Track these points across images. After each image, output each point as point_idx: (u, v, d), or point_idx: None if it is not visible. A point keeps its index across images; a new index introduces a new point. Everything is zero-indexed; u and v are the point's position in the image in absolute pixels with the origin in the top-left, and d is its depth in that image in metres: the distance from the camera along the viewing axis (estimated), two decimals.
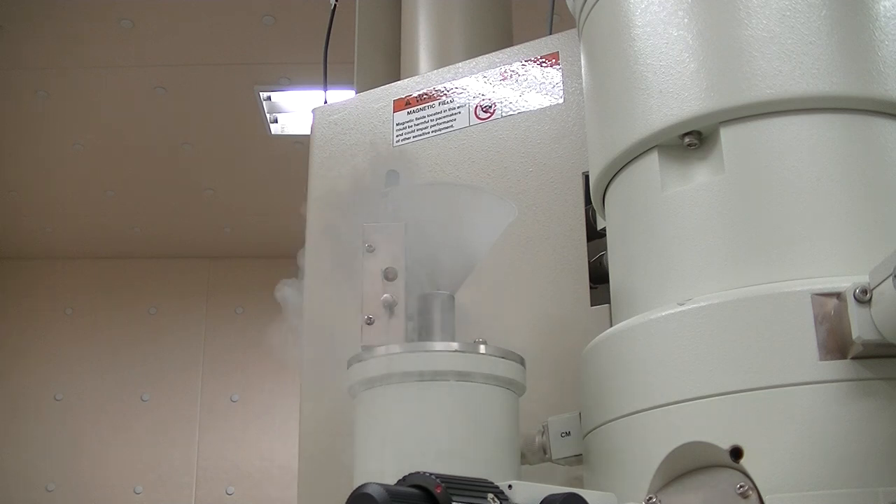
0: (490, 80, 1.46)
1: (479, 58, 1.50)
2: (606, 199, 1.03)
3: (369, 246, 0.94)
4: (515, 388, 0.93)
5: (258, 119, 4.09)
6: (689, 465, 0.81)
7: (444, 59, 1.73)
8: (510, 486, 0.75)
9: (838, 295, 0.77)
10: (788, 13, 0.89)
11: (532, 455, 1.04)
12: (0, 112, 4.02)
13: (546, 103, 1.40)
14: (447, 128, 1.47)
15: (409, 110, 1.52)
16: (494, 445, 0.88)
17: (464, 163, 1.43)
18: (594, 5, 1.04)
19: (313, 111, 1.63)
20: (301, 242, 1.44)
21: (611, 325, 0.96)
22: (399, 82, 1.60)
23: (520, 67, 1.44)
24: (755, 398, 0.77)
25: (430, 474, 0.71)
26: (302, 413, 1.44)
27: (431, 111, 1.50)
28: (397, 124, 1.52)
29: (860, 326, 0.74)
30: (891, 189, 0.86)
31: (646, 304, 0.90)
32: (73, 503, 4.79)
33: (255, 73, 3.83)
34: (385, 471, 0.84)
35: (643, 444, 0.83)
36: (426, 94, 1.52)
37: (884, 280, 0.72)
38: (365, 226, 0.95)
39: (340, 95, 1.71)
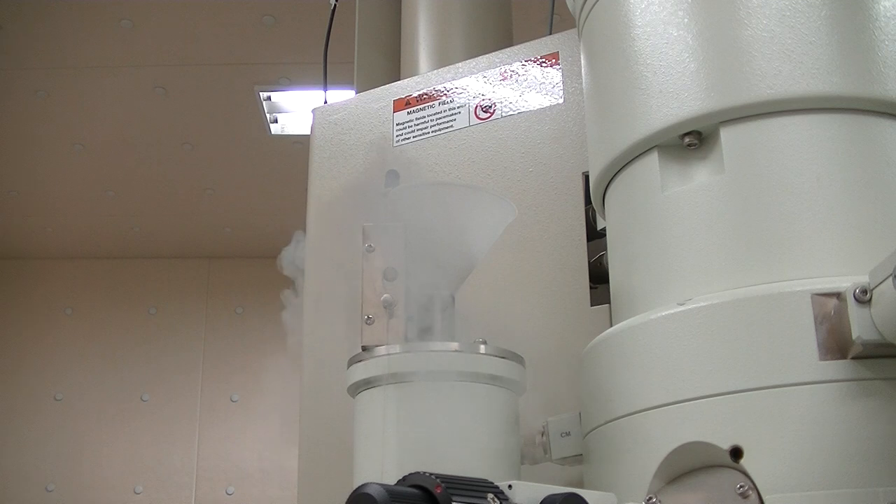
0: (490, 80, 1.46)
1: (479, 58, 1.50)
2: (606, 199, 1.03)
3: (369, 246, 0.94)
4: (515, 388, 0.93)
5: (258, 119, 4.08)
6: (689, 465, 0.81)
7: (444, 59, 1.73)
8: (510, 486, 0.75)
9: (838, 295, 0.77)
10: (788, 13, 0.89)
11: (532, 455, 1.04)
12: (0, 112, 4.02)
13: (546, 103, 1.40)
14: (447, 128, 1.47)
15: (409, 110, 1.52)
16: (494, 445, 0.88)
17: (464, 163, 1.43)
18: (594, 5, 1.04)
19: (313, 111, 1.63)
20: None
21: (611, 325, 0.96)
22: (399, 82, 1.60)
23: (520, 67, 1.44)
24: (755, 398, 0.77)
25: (430, 474, 0.70)
26: (302, 413, 1.44)
27: (431, 111, 1.50)
28: (397, 124, 1.52)
29: (860, 326, 0.74)
30: (891, 189, 0.86)
31: (646, 304, 0.90)
32: (73, 503, 4.79)
33: (255, 73, 3.83)
34: (385, 471, 0.84)
35: (643, 444, 0.83)
36: (426, 94, 1.52)
37: (884, 280, 0.72)
38: (365, 226, 0.95)
39: (340, 95, 1.71)
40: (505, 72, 1.45)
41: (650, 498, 0.80)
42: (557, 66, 1.41)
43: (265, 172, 4.43)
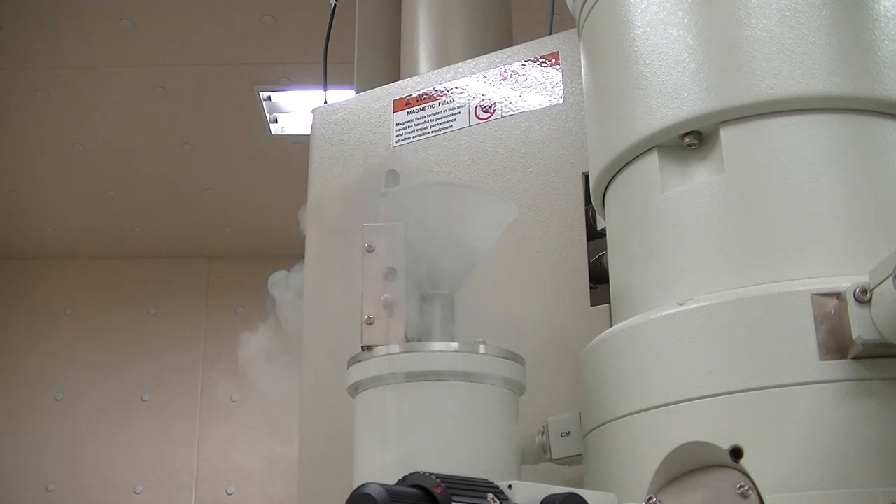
0: (490, 80, 1.46)
1: (479, 58, 1.50)
2: (606, 199, 1.03)
3: (369, 246, 0.94)
4: (515, 388, 0.93)
5: (258, 119, 4.08)
6: (689, 465, 0.81)
7: (444, 59, 1.73)
8: (510, 486, 0.75)
9: (838, 295, 0.77)
10: (788, 13, 0.89)
11: (532, 455, 1.04)
12: (0, 112, 4.01)
13: (546, 103, 1.40)
14: (447, 128, 1.47)
15: (409, 110, 1.52)
16: (494, 445, 0.88)
17: (464, 163, 1.43)
18: (594, 5, 1.04)
19: (313, 111, 1.63)
20: (301, 242, 1.44)
21: (611, 325, 0.96)
22: (399, 82, 1.60)
23: (520, 67, 1.44)
24: (755, 398, 0.77)
25: (430, 474, 0.70)
26: (302, 413, 1.44)
27: (431, 111, 1.50)
28: (397, 124, 1.52)
29: (860, 326, 0.74)
30: (891, 189, 0.86)
31: (646, 304, 0.90)
32: (73, 503, 4.78)
33: (255, 73, 3.83)
34: (385, 471, 0.83)
35: (643, 444, 0.83)
36: (426, 94, 1.51)
37: (884, 280, 0.72)
38: (365, 226, 0.95)
39: (340, 95, 1.71)
40: (505, 72, 1.45)
41: (650, 498, 0.80)
42: (557, 66, 1.41)
43: (265, 172, 4.43)
